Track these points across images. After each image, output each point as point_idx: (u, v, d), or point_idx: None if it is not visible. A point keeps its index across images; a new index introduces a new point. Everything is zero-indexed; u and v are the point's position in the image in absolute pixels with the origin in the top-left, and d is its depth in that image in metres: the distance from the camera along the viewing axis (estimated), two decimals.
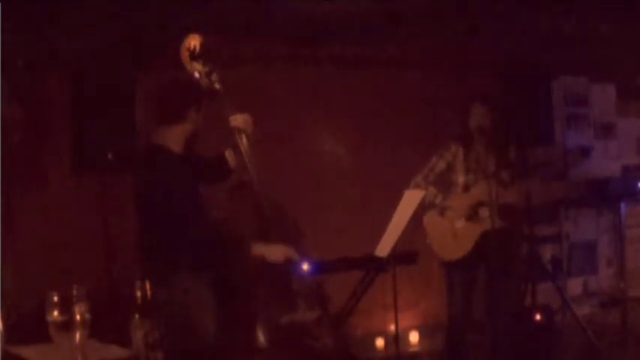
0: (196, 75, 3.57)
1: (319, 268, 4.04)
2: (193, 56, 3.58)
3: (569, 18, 5.51)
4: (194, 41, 3.58)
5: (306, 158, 5.91)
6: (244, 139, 3.60)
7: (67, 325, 2.41)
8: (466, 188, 4.81)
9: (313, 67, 5.87)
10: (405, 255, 4.79)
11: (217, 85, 3.59)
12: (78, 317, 2.40)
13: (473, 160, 4.80)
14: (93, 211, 5.15)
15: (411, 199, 4.45)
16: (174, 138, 3.48)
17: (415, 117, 6.06)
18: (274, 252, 3.50)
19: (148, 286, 2.44)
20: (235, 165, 3.72)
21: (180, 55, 3.59)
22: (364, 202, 5.87)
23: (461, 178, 4.83)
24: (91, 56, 4.86)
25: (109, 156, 4.82)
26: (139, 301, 2.41)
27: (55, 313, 2.44)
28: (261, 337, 3.51)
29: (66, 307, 2.42)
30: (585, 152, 6.51)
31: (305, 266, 3.74)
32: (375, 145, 6.09)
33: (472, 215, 4.78)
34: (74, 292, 2.43)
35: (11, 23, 3.99)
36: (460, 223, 4.79)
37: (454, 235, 4.79)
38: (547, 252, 6.92)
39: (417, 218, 4.66)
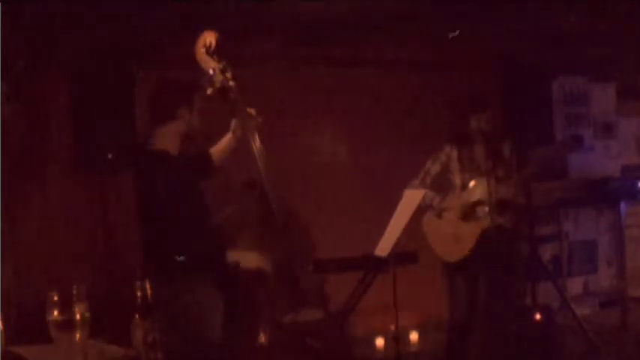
0: (211, 72, 3.55)
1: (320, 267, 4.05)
2: (209, 53, 3.57)
3: (569, 18, 5.50)
4: (210, 37, 3.56)
5: (306, 158, 5.90)
6: (255, 136, 3.60)
7: (67, 325, 2.41)
8: (463, 188, 4.82)
9: (313, 67, 5.87)
10: (405, 255, 4.79)
11: (232, 82, 3.58)
12: (78, 317, 2.40)
13: (467, 159, 4.80)
14: (93, 211, 5.15)
15: (411, 199, 4.45)
16: (169, 138, 3.46)
17: (415, 117, 6.06)
18: (248, 259, 3.50)
19: (148, 286, 2.44)
20: (221, 164, 3.73)
21: (196, 52, 3.57)
22: (364, 202, 5.87)
23: (457, 178, 4.83)
24: (91, 56, 4.86)
25: (109, 156, 4.82)
26: (139, 301, 2.41)
27: (55, 313, 2.44)
28: (262, 337, 3.51)
29: (66, 307, 2.43)
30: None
31: None
32: (375, 145, 6.09)
33: (470, 214, 4.77)
34: (74, 292, 2.43)
35: (11, 23, 3.99)
36: (459, 224, 4.78)
37: (454, 236, 4.78)
38: (547, 252, 6.92)
39: (416, 218, 4.66)
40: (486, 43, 5.97)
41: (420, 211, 4.61)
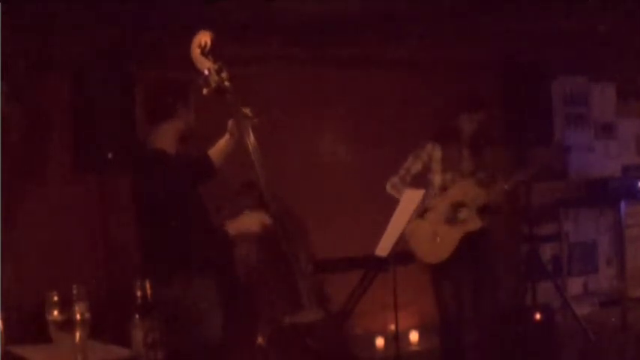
0: (206, 72, 3.55)
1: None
2: (204, 53, 3.56)
3: (569, 18, 5.50)
4: (205, 38, 3.56)
5: (305, 158, 5.90)
6: (251, 137, 3.60)
7: (67, 325, 2.41)
8: (443, 188, 4.78)
9: (313, 67, 5.87)
10: (405, 255, 4.79)
11: (227, 83, 3.57)
12: (78, 317, 2.40)
13: (451, 159, 4.77)
14: (93, 211, 5.15)
15: (410, 199, 4.45)
16: (166, 137, 3.46)
17: (415, 117, 6.06)
18: (250, 222, 3.46)
19: (147, 286, 2.44)
20: (221, 165, 3.73)
21: (191, 52, 3.57)
22: (364, 202, 5.87)
23: (438, 178, 4.79)
24: (91, 56, 4.86)
25: (109, 156, 4.82)
26: (139, 301, 2.42)
27: (55, 312, 2.45)
28: (262, 337, 3.51)
29: (66, 307, 2.43)
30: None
31: None
32: (375, 145, 6.09)
33: (452, 217, 4.74)
34: (74, 292, 2.43)
35: (11, 23, 3.99)
36: (441, 225, 4.74)
37: (435, 237, 4.75)
38: (547, 252, 6.92)
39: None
40: (486, 43, 5.96)
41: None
